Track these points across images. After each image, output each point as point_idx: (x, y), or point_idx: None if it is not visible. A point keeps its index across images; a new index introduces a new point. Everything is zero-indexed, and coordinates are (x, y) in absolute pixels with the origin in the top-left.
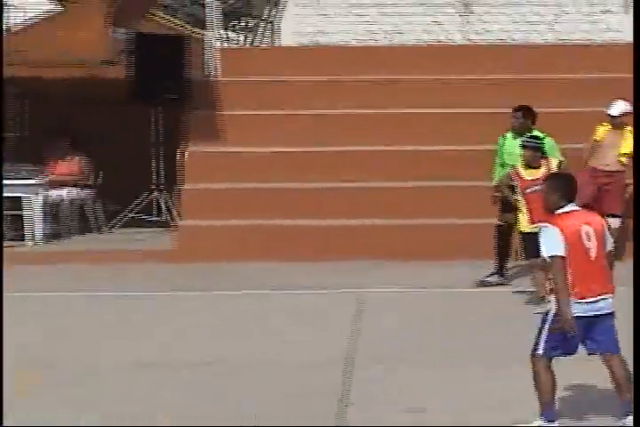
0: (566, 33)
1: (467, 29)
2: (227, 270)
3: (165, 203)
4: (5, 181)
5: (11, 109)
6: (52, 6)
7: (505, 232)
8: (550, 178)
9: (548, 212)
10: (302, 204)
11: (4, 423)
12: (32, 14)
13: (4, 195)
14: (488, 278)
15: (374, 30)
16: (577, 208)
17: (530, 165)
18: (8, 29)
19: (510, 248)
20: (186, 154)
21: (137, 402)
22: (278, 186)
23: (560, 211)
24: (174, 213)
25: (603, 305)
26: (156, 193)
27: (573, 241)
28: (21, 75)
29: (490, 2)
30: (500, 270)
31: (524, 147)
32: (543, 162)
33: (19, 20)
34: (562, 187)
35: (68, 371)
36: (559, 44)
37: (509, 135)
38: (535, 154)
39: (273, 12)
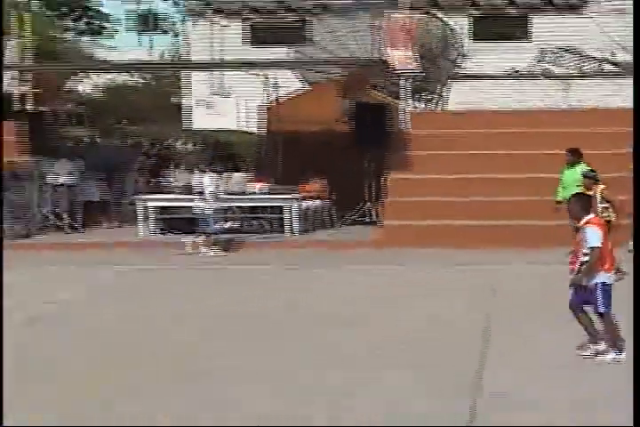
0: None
1: (568, 99)
2: (415, 253)
3: (375, 210)
4: (272, 196)
5: (279, 153)
6: (302, 85)
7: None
8: (574, 196)
9: (574, 218)
10: (465, 210)
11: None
12: (290, 90)
13: (272, 204)
14: None
15: (508, 99)
16: (593, 215)
17: (587, 188)
18: (276, 99)
19: None
20: (388, 179)
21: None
22: (448, 199)
23: (587, 217)
24: (380, 216)
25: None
26: (368, 204)
27: (603, 235)
28: (282, 130)
29: (584, 82)
30: None
31: (584, 176)
32: (594, 187)
33: (282, 94)
34: (581, 202)
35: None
36: (628, 107)
37: (565, 167)
38: (590, 181)
39: (443, 88)
